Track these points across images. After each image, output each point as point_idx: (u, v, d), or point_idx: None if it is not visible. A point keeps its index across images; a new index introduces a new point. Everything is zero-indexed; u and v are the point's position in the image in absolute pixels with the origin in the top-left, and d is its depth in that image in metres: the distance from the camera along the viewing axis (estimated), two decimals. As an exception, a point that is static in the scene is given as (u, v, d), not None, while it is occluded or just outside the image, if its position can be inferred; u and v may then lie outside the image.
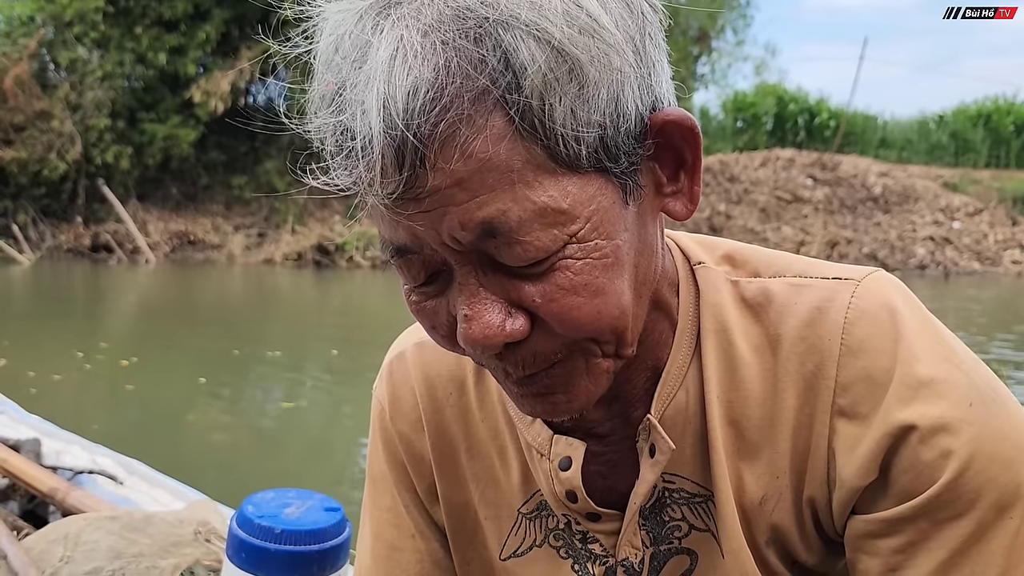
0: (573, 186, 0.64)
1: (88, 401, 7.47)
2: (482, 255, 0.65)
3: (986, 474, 0.70)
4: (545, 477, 0.85)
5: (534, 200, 0.62)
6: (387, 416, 0.96)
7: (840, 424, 0.75)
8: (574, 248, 0.65)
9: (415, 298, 0.72)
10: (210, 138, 21.13)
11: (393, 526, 0.96)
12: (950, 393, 0.72)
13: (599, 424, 0.84)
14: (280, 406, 7.57)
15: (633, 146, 0.67)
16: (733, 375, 0.79)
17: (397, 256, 0.68)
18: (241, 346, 9.92)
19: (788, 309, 0.78)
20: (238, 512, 0.69)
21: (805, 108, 24.84)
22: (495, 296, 0.66)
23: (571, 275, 0.65)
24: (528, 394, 0.73)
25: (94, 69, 20.58)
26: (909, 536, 0.72)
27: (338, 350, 9.64)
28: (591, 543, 0.86)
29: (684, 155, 0.71)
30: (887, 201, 20.14)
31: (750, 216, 19.17)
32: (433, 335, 0.73)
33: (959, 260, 18.47)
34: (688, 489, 0.82)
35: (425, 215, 0.63)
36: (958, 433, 0.70)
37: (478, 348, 0.67)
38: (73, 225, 20.66)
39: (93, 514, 1.86)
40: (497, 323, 0.66)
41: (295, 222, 20.53)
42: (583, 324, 0.67)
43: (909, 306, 0.76)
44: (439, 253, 0.66)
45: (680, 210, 0.72)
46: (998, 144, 24.36)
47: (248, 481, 5.08)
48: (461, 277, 0.66)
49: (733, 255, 0.84)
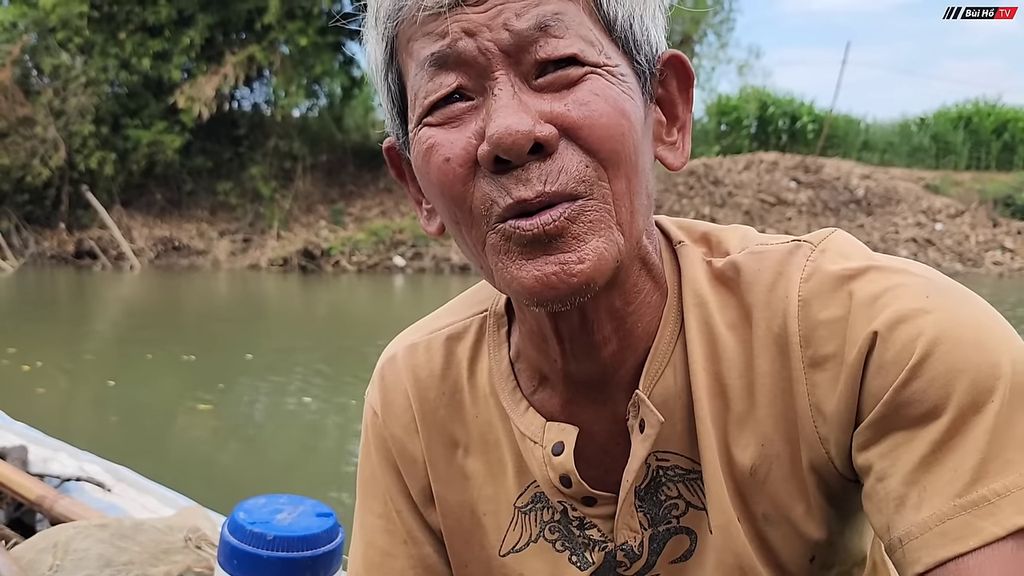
0: (609, 43, 0.74)
1: (74, 407, 7.42)
2: (521, 64, 0.71)
3: (955, 355, 0.68)
4: (539, 465, 0.85)
5: (580, 23, 0.72)
6: (380, 420, 0.96)
7: (815, 375, 0.75)
8: (606, 72, 0.72)
9: (430, 132, 0.74)
10: (195, 143, 21.00)
11: (386, 532, 0.96)
12: (904, 292, 0.72)
13: (590, 411, 0.85)
14: (266, 410, 7.54)
15: (650, 54, 0.77)
16: (714, 347, 0.80)
17: (434, 66, 0.72)
18: (225, 351, 9.86)
19: (754, 277, 0.80)
20: (230, 518, 0.70)
21: (788, 111, 24.95)
22: (528, 105, 0.70)
23: (603, 84, 0.72)
24: (536, 254, 0.70)
25: (78, 75, 20.40)
26: (892, 439, 0.71)
27: (325, 354, 9.61)
28: (588, 529, 0.86)
29: (678, 111, 0.81)
30: (870, 203, 20.25)
31: (734, 219, 19.22)
32: (444, 171, 0.73)
33: (941, 261, 18.59)
34: (682, 465, 0.83)
35: (483, 13, 0.70)
36: (917, 321, 0.70)
37: (510, 139, 0.68)
38: (57, 231, 20.49)
39: (82, 522, 1.85)
40: (530, 120, 0.69)
41: (280, 227, 20.43)
42: (609, 132, 0.71)
43: (862, 251, 0.79)
44: (481, 57, 0.70)
45: (673, 161, 0.80)
46: (978, 146, 24.53)
47: (238, 486, 5.06)
48: (498, 86, 0.70)
49: (708, 236, 0.87)
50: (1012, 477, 0.66)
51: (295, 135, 21.68)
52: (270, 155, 21.42)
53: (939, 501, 0.67)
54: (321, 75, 21.03)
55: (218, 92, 20.41)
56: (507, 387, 0.89)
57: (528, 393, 0.89)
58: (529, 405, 0.88)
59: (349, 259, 19.10)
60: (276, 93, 21.64)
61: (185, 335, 11.14)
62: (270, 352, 9.98)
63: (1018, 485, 0.66)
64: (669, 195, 19.99)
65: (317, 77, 21.24)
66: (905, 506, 0.69)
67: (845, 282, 0.75)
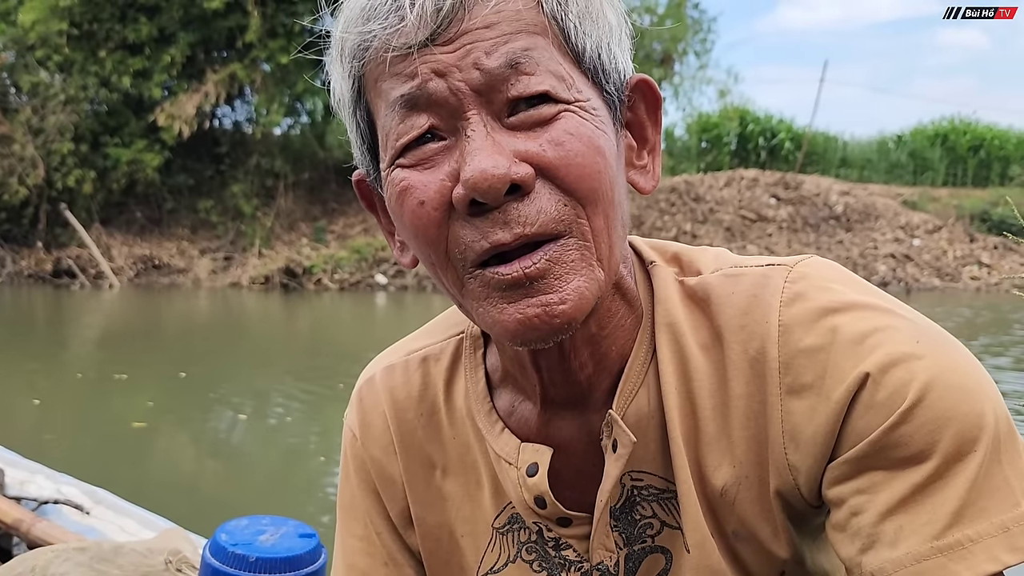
0: (578, 75, 0.73)
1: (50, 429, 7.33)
2: (492, 104, 0.70)
3: (944, 403, 0.69)
4: (513, 485, 0.85)
5: (550, 58, 0.71)
6: (359, 442, 0.96)
7: (790, 402, 0.75)
8: (578, 108, 0.72)
9: (403, 174, 0.73)
10: (176, 161, 20.91)
11: (366, 554, 0.96)
12: (895, 335, 0.72)
13: (566, 431, 0.85)
14: (244, 429, 7.48)
15: (618, 82, 0.77)
16: (686, 368, 0.80)
17: (404, 108, 0.72)
18: (205, 369, 9.79)
19: (726, 299, 0.80)
20: (211, 540, 0.69)
21: (767, 128, 25.21)
22: (502, 146, 0.70)
23: (577, 122, 0.71)
24: (518, 297, 0.70)
25: (57, 93, 20.29)
26: (871, 476, 0.71)
27: (305, 373, 9.56)
28: (564, 549, 0.86)
29: (647, 134, 0.81)
30: (849, 219, 20.44)
31: (715, 235, 19.36)
32: (418, 215, 0.72)
33: (920, 276, 18.78)
34: (656, 485, 0.83)
35: (452, 53, 0.69)
36: (910, 365, 0.70)
37: (486, 183, 0.67)
38: (34, 250, 20.30)
39: (61, 545, 1.83)
40: (506, 162, 0.68)
41: (262, 245, 20.34)
42: (586, 171, 0.70)
43: (844, 280, 0.78)
44: (452, 98, 0.70)
45: (645, 184, 0.80)
46: (955, 163, 24.86)
47: (220, 506, 5.01)
48: (471, 126, 0.70)
49: (680, 256, 0.87)
50: (984, 525, 0.69)
51: (277, 153, 21.63)
52: (252, 173, 21.35)
53: (916, 541, 0.69)
54: (303, 93, 21.02)
55: (199, 110, 20.36)
56: (483, 409, 0.89)
57: (504, 414, 0.89)
58: (504, 427, 0.88)
59: (331, 277, 19.03)
60: (258, 111, 21.61)
61: (163, 354, 11.04)
62: (249, 371, 9.91)
63: (990, 533, 0.68)
64: (651, 212, 20.10)
65: (299, 95, 21.22)
66: (880, 542, 0.70)
67: (829, 314, 0.74)
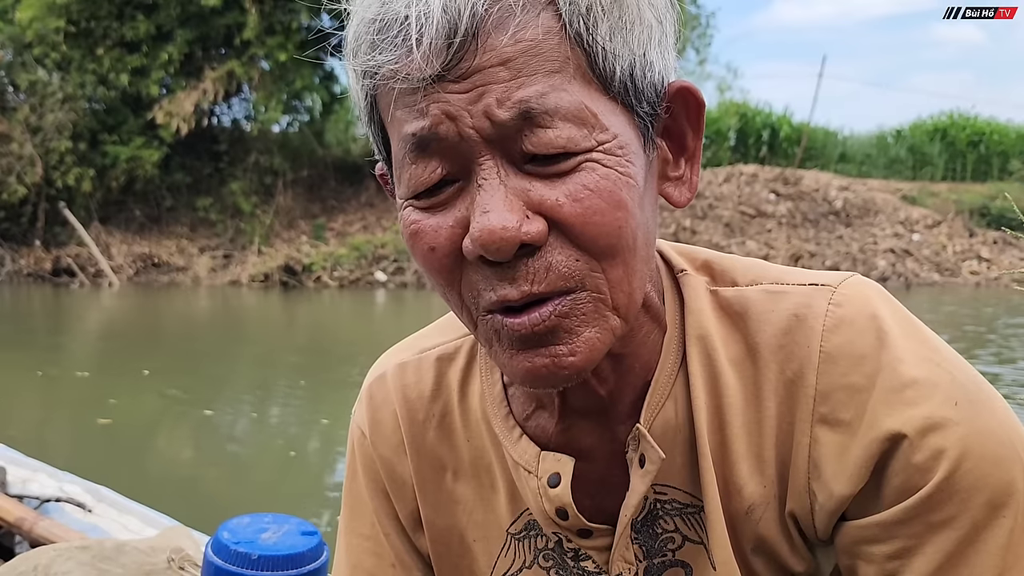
0: (604, 105, 0.68)
1: (52, 427, 7.33)
2: (507, 150, 0.66)
3: (977, 472, 0.69)
4: (533, 495, 0.83)
5: (572, 95, 0.66)
6: (367, 441, 0.94)
7: (822, 432, 0.74)
8: (600, 155, 0.67)
9: (415, 216, 0.71)
10: (174, 159, 20.89)
11: (373, 555, 0.94)
12: (935, 393, 0.71)
13: (587, 439, 0.83)
14: (245, 426, 7.48)
15: (653, 97, 0.71)
16: (716, 383, 0.79)
17: (415, 150, 0.68)
18: (205, 367, 9.79)
19: (765, 317, 0.78)
20: (213, 538, 0.69)
21: (767, 124, 25.18)
22: (515, 197, 0.66)
23: (597, 177, 0.66)
24: (527, 348, 0.69)
25: (55, 91, 20.26)
26: (903, 541, 0.72)
27: (306, 370, 9.56)
28: (583, 560, 0.85)
29: (687, 141, 0.76)
30: (848, 215, 20.45)
31: (715, 231, 19.36)
32: (429, 259, 0.71)
33: (919, 271, 18.79)
34: (680, 500, 0.81)
35: (464, 94, 0.65)
36: (947, 433, 0.70)
37: (494, 244, 0.65)
38: (33, 249, 20.28)
39: (63, 544, 1.84)
40: (517, 218, 0.65)
41: (261, 243, 20.33)
42: (604, 230, 0.66)
43: (888, 308, 0.76)
44: (464, 143, 0.66)
45: (679, 197, 0.76)
46: (954, 157, 24.86)
47: (221, 504, 5.02)
48: (483, 173, 0.66)
49: (711, 264, 0.84)
50: None
51: (276, 150, 21.61)
52: (250, 170, 21.33)
53: None
54: (301, 90, 21.00)
55: (197, 108, 20.32)
56: (500, 413, 0.87)
57: (522, 419, 0.86)
58: (523, 433, 0.85)
59: (331, 274, 19.02)
60: (256, 108, 21.58)
61: (162, 352, 11.04)
62: (250, 369, 9.91)
63: None
64: (650, 208, 20.07)
65: (297, 92, 21.20)
66: None
67: (874, 352, 0.73)
